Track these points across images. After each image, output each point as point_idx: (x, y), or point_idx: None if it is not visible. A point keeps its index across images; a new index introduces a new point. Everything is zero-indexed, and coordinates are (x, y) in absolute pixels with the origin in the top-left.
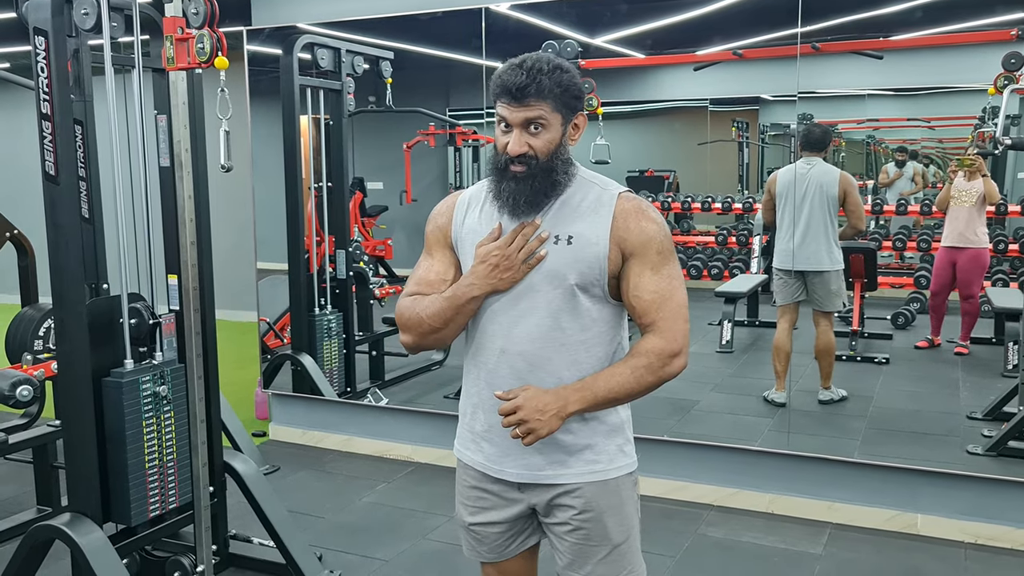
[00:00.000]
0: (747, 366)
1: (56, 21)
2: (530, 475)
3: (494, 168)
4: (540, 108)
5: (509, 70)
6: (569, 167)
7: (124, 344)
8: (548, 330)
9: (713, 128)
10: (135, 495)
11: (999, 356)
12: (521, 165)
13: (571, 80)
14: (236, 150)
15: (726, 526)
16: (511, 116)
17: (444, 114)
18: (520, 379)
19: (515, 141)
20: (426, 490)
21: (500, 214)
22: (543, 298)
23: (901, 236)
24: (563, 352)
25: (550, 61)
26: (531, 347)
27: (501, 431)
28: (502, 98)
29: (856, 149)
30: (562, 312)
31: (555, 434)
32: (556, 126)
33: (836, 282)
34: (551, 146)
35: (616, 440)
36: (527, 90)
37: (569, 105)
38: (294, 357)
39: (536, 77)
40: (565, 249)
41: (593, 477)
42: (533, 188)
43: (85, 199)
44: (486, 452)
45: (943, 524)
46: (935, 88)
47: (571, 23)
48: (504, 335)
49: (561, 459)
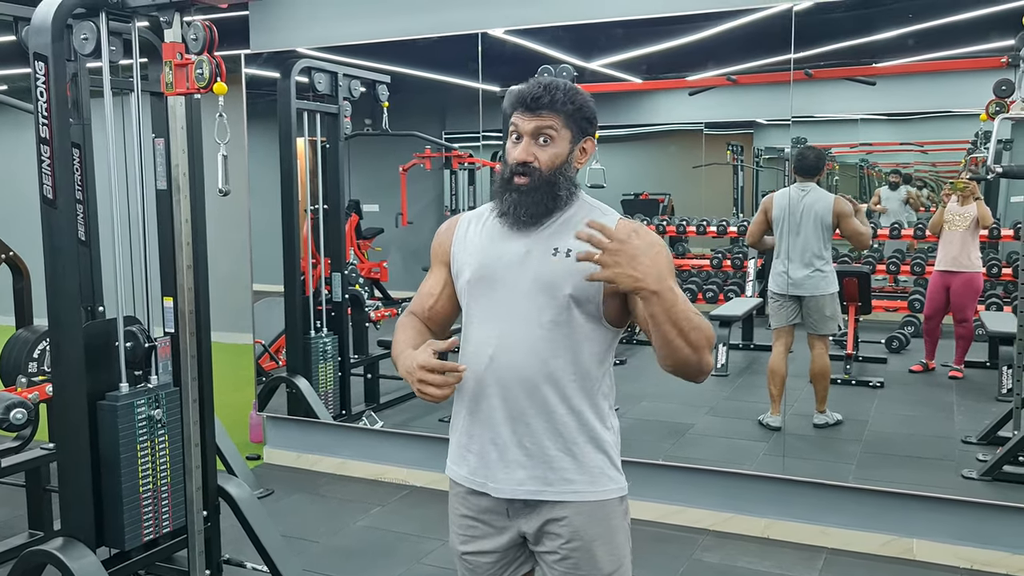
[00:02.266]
0: (742, 389)
1: (56, 46)
2: (511, 490)
3: (500, 179)
4: (551, 120)
5: (527, 85)
6: (572, 187)
7: (119, 367)
8: (538, 340)
9: (708, 151)
10: (129, 519)
11: (993, 380)
12: (524, 176)
13: (584, 101)
14: (233, 173)
15: (721, 551)
16: (522, 125)
17: (440, 137)
18: (507, 388)
19: (522, 149)
20: (421, 513)
21: (503, 227)
22: (536, 308)
23: (895, 260)
24: (552, 365)
25: (568, 83)
26: (520, 357)
27: (485, 442)
28: (517, 108)
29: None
30: (555, 325)
31: (541, 448)
32: (564, 142)
33: (831, 306)
34: (556, 160)
35: (601, 460)
36: (541, 100)
37: (580, 126)
38: (289, 380)
39: (552, 91)
40: (564, 261)
41: (575, 498)
42: (535, 199)
43: (82, 222)
44: (471, 464)
45: (938, 549)
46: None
47: (567, 47)
48: (495, 343)
49: (543, 475)
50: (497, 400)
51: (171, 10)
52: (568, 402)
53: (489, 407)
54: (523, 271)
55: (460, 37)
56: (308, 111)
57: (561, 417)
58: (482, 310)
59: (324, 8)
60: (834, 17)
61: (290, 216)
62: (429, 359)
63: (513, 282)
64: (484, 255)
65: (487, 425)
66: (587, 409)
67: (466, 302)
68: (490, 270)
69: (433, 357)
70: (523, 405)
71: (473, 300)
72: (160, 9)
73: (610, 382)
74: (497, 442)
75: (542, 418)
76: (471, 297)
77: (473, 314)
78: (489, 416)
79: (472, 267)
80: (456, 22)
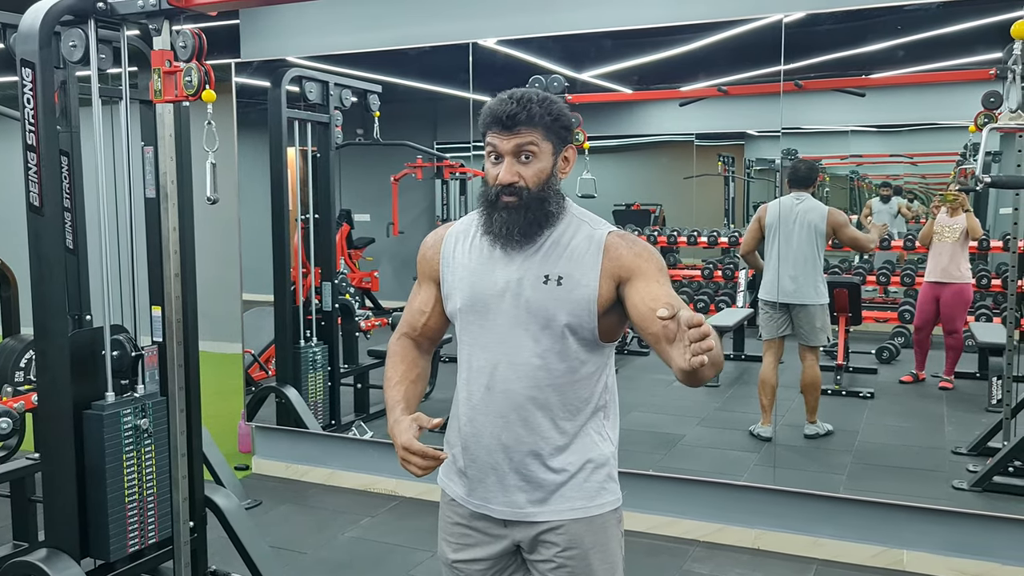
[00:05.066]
0: (733, 400)
1: (44, 53)
2: (512, 512)
3: (484, 201)
4: (531, 135)
5: (499, 101)
6: (561, 199)
7: (106, 376)
8: (535, 370)
9: (699, 162)
10: (114, 530)
11: (983, 391)
12: (512, 195)
13: (560, 110)
14: (223, 182)
15: (712, 562)
16: (501, 145)
17: (431, 147)
18: (503, 417)
19: (506, 170)
20: (410, 524)
21: (492, 247)
22: (531, 337)
23: (885, 271)
24: (549, 392)
25: (539, 93)
26: (517, 386)
27: (484, 467)
28: (492, 128)
29: (840, 184)
30: (550, 353)
31: (539, 474)
32: (547, 156)
33: (821, 317)
34: (542, 176)
35: (599, 476)
36: (517, 117)
37: (559, 135)
38: (279, 389)
39: (527, 105)
40: (556, 290)
41: (575, 514)
42: (527, 219)
43: (70, 230)
44: (468, 486)
45: (929, 560)
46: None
47: (558, 58)
48: (490, 373)
49: (543, 497)
50: (495, 428)
51: (160, 18)
52: (566, 426)
53: (486, 435)
54: (515, 300)
55: (451, 47)
56: (299, 120)
57: (560, 441)
58: (475, 338)
59: (315, 17)
60: (823, 29)
61: (280, 225)
62: (412, 442)
63: (506, 311)
64: (475, 282)
65: (485, 452)
66: (586, 430)
67: (459, 328)
68: (482, 300)
69: (417, 436)
70: (520, 433)
71: (465, 327)
72: (149, 17)
73: (610, 394)
74: (496, 468)
75: (541, 445)
76: (463, 324)
77: (466, 341)
78: (487, 444)
79: (463, 294)
80: (447, 32)
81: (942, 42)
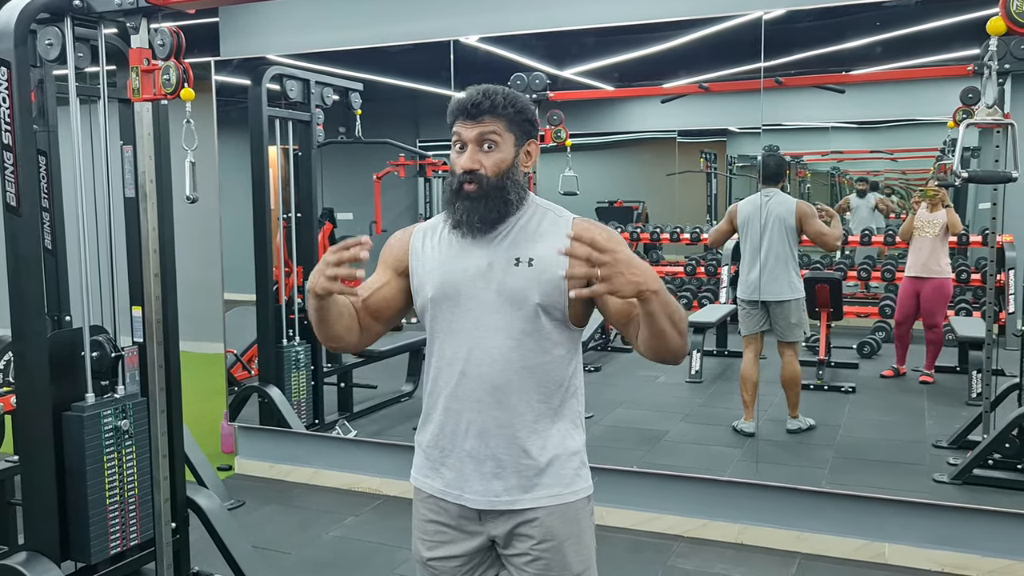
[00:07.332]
0: (716, 396)
1: (19, 51)
2: (488, 501)
3: (448, 190)
4: (494, 125)
5: (466, 93)
6: (522, 191)
7: (86, 377)
8: (508, 351)
9: (681, 159)
10: (95, 532)
11: (963, 384)
12: (472, 183)
13: (524, 104)
14: (203, 181)
15: (696, 558)
16: (465, 133)
17: (414, 145)
18: (479, 401)
19: (467, 157)
20: (394, 523)
21: (462, 238)
22: (504, 320)
23: (866, 266)
24: (523, 375)
25: (506, 88)
26: (491, 369)
27: (460, 455)
28: (459, 118)
29: (821, 180)
30: (524, 334)
31: (516, 458)
32: (508, 147)
33: (796, 313)
34: (502, 166)
35: (574, 463)
36: (481, 106)
37: (523, 128)
38: (261, 389)
39: (491, 97)
40: (527, 271)
41: (551, 501)
42: (486, 206)
43: (48, 230)
44: (445, 478)
45: (911, 553)
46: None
47: (539, 56)
48: (464, 357)
49: (520, 483)
50: (471, 414)
51: (138, 15)
52: (542, 409)
53: (462, 421)
54: (487, 284)
55: (433, 44)
56: (280, 119)
57: (535, 425)
58: (448, 326)
59: (295, 15)
60: (803, 26)
61: (262, 224)
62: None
63: (478, 296)
64: (444, 271)
65: (461, 439)
66: (561, 413)
67: (430, 319)
68: (453, 287)
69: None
70: (497, 416)
71: (438, 317)
72: (127, 15)
73: (579, 380)
74: (473, 455)
75: (517, 428)
76: (435, 314)
77: (438, 330)
78: (463, 430)
79: (434, 284)
80: (429, 30)
81: (920, 39)
